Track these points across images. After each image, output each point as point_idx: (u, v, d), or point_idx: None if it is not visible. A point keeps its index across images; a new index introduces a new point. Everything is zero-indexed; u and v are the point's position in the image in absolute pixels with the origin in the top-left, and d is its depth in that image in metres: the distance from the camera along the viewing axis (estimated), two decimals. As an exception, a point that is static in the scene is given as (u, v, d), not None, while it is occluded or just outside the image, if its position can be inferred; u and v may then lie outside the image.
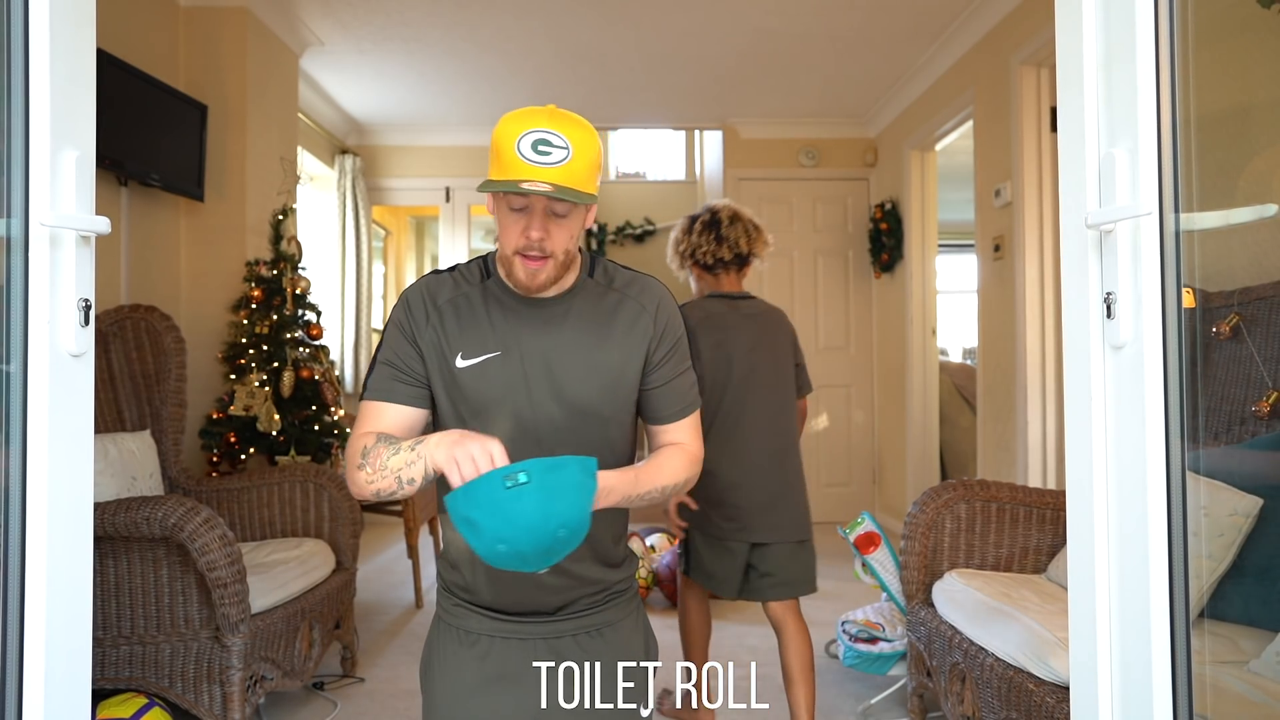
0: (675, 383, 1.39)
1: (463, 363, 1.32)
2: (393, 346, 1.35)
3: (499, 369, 1.31)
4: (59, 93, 1.12)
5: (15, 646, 1.09)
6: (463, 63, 4.92)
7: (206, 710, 2.30)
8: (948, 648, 2.29)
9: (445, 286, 1.36)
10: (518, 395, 1.32)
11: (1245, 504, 1.85)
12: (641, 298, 1.37)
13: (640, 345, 1.36)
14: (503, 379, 1.31)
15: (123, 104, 3.26)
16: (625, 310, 1.36)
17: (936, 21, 4.41)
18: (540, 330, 1.33)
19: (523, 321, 1.33)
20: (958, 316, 8.35)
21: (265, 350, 3.71)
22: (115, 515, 2.21)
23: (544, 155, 1.21)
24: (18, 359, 1.10)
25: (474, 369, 1.32)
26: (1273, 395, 1.91)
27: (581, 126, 1.24)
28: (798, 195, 6.12)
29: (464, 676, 1.39)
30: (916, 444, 5.40)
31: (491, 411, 1.32)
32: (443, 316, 1.34)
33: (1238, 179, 1.56)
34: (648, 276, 1.42)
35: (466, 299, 1.35)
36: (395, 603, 4.02)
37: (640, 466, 1.32)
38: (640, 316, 1.36)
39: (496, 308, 1.34)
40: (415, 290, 1.37)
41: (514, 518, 1.06)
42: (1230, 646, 1.76)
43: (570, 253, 1.29)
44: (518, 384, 1.32)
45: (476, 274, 1.38)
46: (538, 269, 1.26)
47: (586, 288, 1.36)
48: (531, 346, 1.32)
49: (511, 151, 1.21)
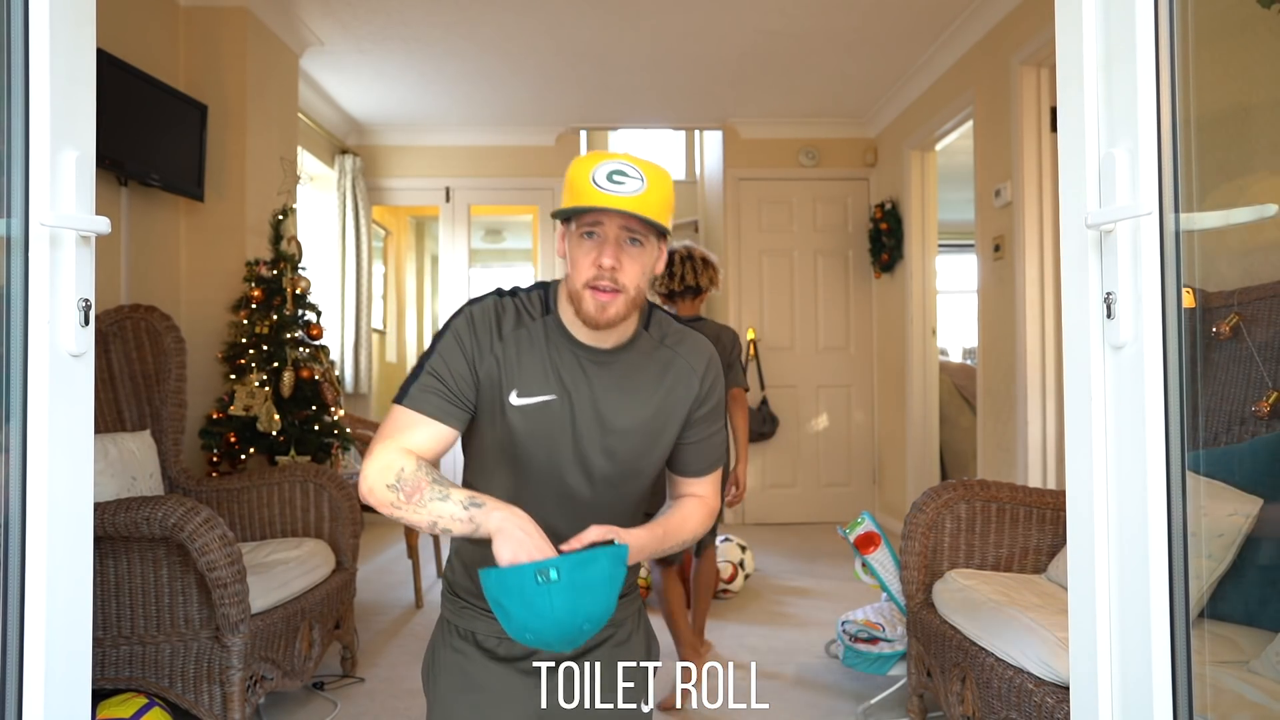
0: (708, 441, 1.42)
1: (518, 400, 1.30)
2: (446, 360, 1.30)
3: (552, 413, 1.30)
4: (59, 93, 1.12)
5: (15, 646, 1.09)
6: (463, 63, 4.92)
7: (206, 710, 2.30)
8: (948, 648, 2.30)
9: (509, 315, 1.33)
10: (564, 441, 1.31)
11: (1245, 504, 1.85)
12: (691, 357, 1.38)
13: (685, 404, 1.37)
14: (553, 423, 1.31)
15: (123, 104, 3.26)
16: (676, 369, 1.37)
17: (936, 21, 4.41)
18: (596, 380, 1.32)
19: (580, 368, 1.32)
20: (958, 316, 8.35)
21: (265, 350, 3.71)
22: (115, 515, 2.21)
23: (619, 185, 1.21)
24: (18, 359, 1.10)
25: (528, 409, 1.30)
26: (1273, 395, 1.91)
27: (657, 167, 1.25)
28: (798, 195, 6.12)
29: (469, 677, 1.40)
30: (916, 444, 5.40)
31: (533, 451, 1.32)
32: (505, 348, 1.31)
33: (1238, 179, 1.56)
34: (697, 334, 1.42)
35: (529, 334, 1.32)
36: (395, 603, 4.02)
37: (666, 521, 1.35)
38: (689, 377, 1.37)
39: (556, 349, 1.32)
40: (482, 310, 1.33)
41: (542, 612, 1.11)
42: (1230, 646, 1.76)
43: (640, 291, 1.28)
44: (566, 430, 1.31)
45: (539, 307, 1.35)
46: (608, 302, 1.24)
47: (642, 341, 1.36)
48: (585, 395, 1.31)
49: (586, 181, 1.21)
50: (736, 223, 6.10)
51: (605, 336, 1.31)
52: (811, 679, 3.05)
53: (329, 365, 4.02)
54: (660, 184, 1.24)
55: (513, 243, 10.07)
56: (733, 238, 6.11)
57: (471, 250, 6.51)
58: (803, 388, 6.09)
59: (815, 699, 2.86)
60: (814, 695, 2.89)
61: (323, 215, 5.92)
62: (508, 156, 6.26)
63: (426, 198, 6.41)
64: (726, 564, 4.06)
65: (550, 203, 6.31)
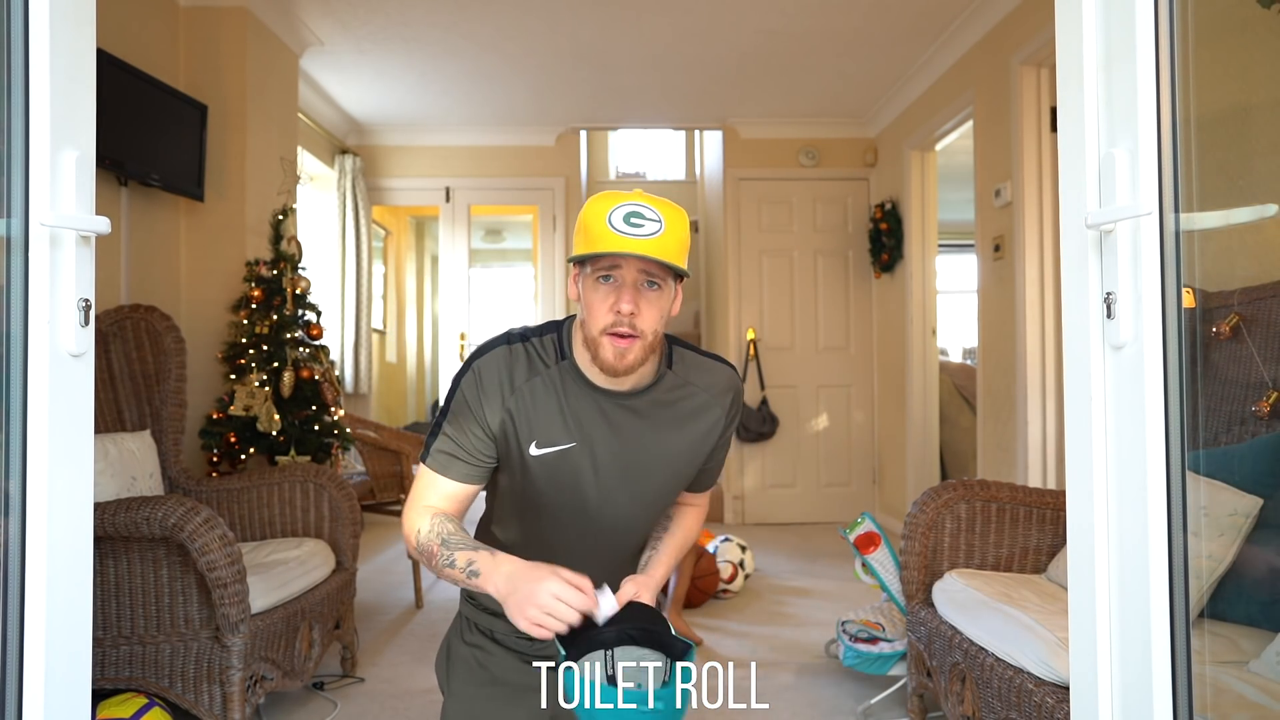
0: (718, 460, 1.45)
1: (536, 451, 1.29)
2: (458, 423, 1.30)
3: (572, 460, 1.30)
4: (59, 93, 1.12)
5: (15, 647, 1.09)
6: (463, 63, 4.92)
7: (206, 710, 2.30)
8: (948, 648, 2.30)
9: (521, 365, 1.31)
10: (588, 487, 1.31)
11: (1245, 504, 1.85)
12: (713, 390, 1.37)
13: (709, 439, 1.38)
14: (575, 470, 1.30)
15: (123, 104, 3.25)
16: (699, 405, 1.36)
17: (936, 21, 4.41)
18: (617, 424, 1.30)
19: (600, 413, 1.30)
20: (958, 316, 8.35)
21: (265, 350, 3.71)
22: (115, 515, 2.21)
23: (637, 227, 1.18)
24: (18, 359, 1.10)
25: (547, 458, 1.29)
26: (1273, 395, 1.91)
27: (673, 207, 1.23)
28: (798, 195, 6.12)
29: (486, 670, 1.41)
30: (916, 444, 5.40)
31: (555, 497, 1.32)
32: (519, 400, 1.29)
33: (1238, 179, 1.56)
34: (720, 365, 1.40)
35: (543, 381, 1.30)
36: (395, 603, 4.02)
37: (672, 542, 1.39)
38: (713, 411, 1.37)
39: (573, 396, 1.30)
40: (491, 366, 1.31)
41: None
42: (1230, 646, 1.76)
43: (658, 335, 1.26)
44: (589, 475, 1.31)
45: (552, 353, 1.32)
46: (626, 348, 1.22)
47: (664, 381, 1.34)
48: (606, 441, 1.30)
49: (602, 224, 1.18)
50: (736, 223, 6.10)
51: (624, 380, 1.29)
52: (811, 679, 3.05)
53: (329, 365, 4.02)
54: (677, 225, 1.21)
55: (513, 243, 10.08)
56: (733, 238, 6.10)
57: (471, 250, 6.52)
58: (803, 388, 6.09)
59: (815, 699, 2.86)
60: (814, 695, 2.89)
61: (323, 215, 5.92)
62: (508, 156, 6.26)
63: (426, 198, 6.41)
64: (726, 564, 4.06)
65: (550, 202, 6.31)
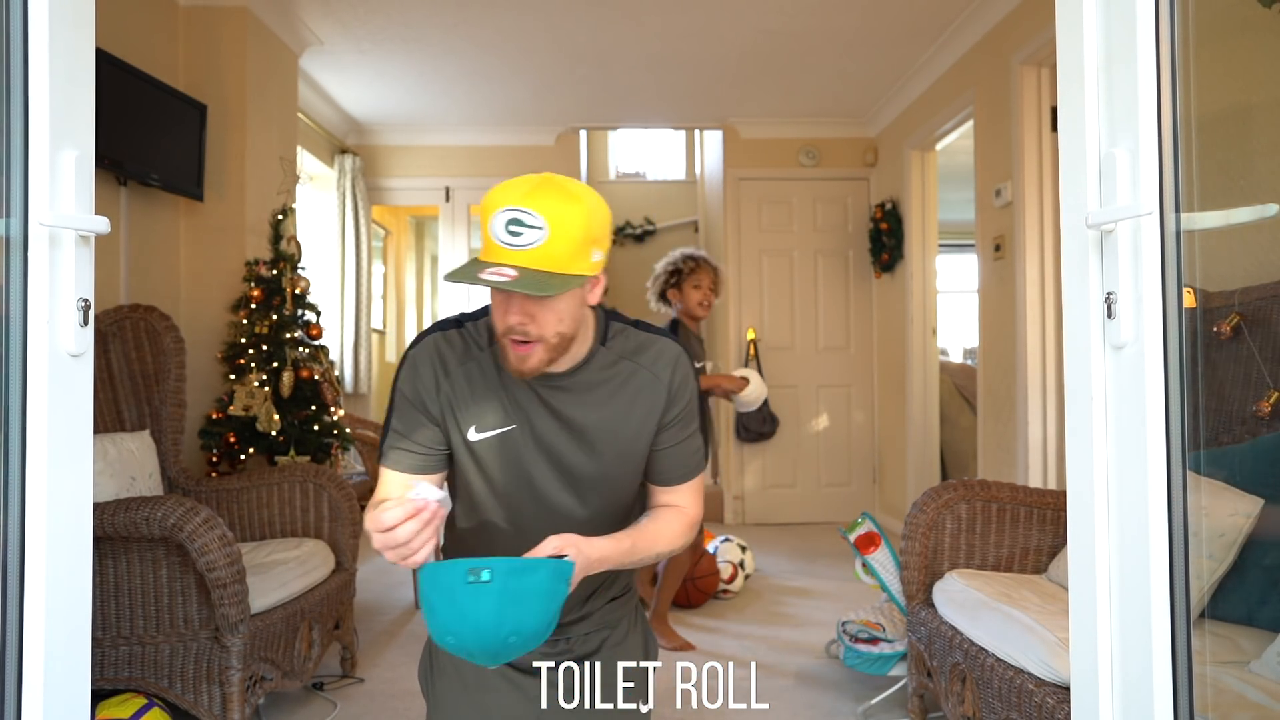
0: (681, 447, 1.37)
1: (475, 435, 1.29)
2: (401, 416, 1.30)
3: (514, 442, 1.29)
4: (58, 93, 1.12)
5: (15, 647, 1.09)
6: (463, 63, 4.92)
7: (206, 710, 2.30)
8: (948, 648, 2.29)
9: (454, 350, 1.30)
10: (533, 468, 1.30)
11: (1246, 504, 1.85)
12: (655, 366, 1.32)
13: (653, 414, 1.32)
14: (519, 451, 1.29)
15: (122, 104, 3.25)
16: (638, 381, 1.32)
17: (936, 21, 4.41)
18: (554, 405, 1.29)
19: (535, 395, 1.28)
20: (958, 316, 8.35)
21: (265, 350, 3.71)
22: (115, 515, 2.21)
23: (515, 236, 1.13)
24: (17, 359, 1.10)
25: (488, 442, 1.29)
26: (1273, 395, 1.91)
27: (566, 200, 1.14)
28: (798, 195, 6.12)
29: (464, 676, 1.40)
30: (917, 444, 5.40)
31: (508, 479, 1.31)
32: (454, 386, 1.28)
33: (1238, 179, 1.56)
34: (662, 338, 1.36)
35: (478, 366, 1.29)
36: (395, 603, 4.02)
37: (637, 532, 1.30)
38: (654, 386, 1.32)
39: (508, 379, 1.28)
40: (424, 354, 1.31)
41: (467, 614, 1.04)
42: (1231, 646, 1.76)
43: (565, 335, 1.21)
44: (533, 457, 1.29)
45: (485, 335, 1.31)
46: (525, 354, 1.20)
47: (599, 359, 1.30)
48: (544, 422, 1.28)
49: (486, 229, 1.15)
50: (736, 223, 6.10)
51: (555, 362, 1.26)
52: (811, 679, 3.05)
53: (329, 365, 4.02)
54: (567, 225, 1.13)
55: (512, 243, 10.04)
56: (733, 238, 6.10)
57: (471, 250, 6.51)
58: (803, 388, 6.09)
59: (815, 699, 2.86)
60: (814, 695, 2.89)
61: (322, 215, 5.92)
62: (508, 156, 6.25)
63: (426, 198, 6.41)
64: (726, 564, 4.06)
65: (550, 203, 6.30)
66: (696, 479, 1.40)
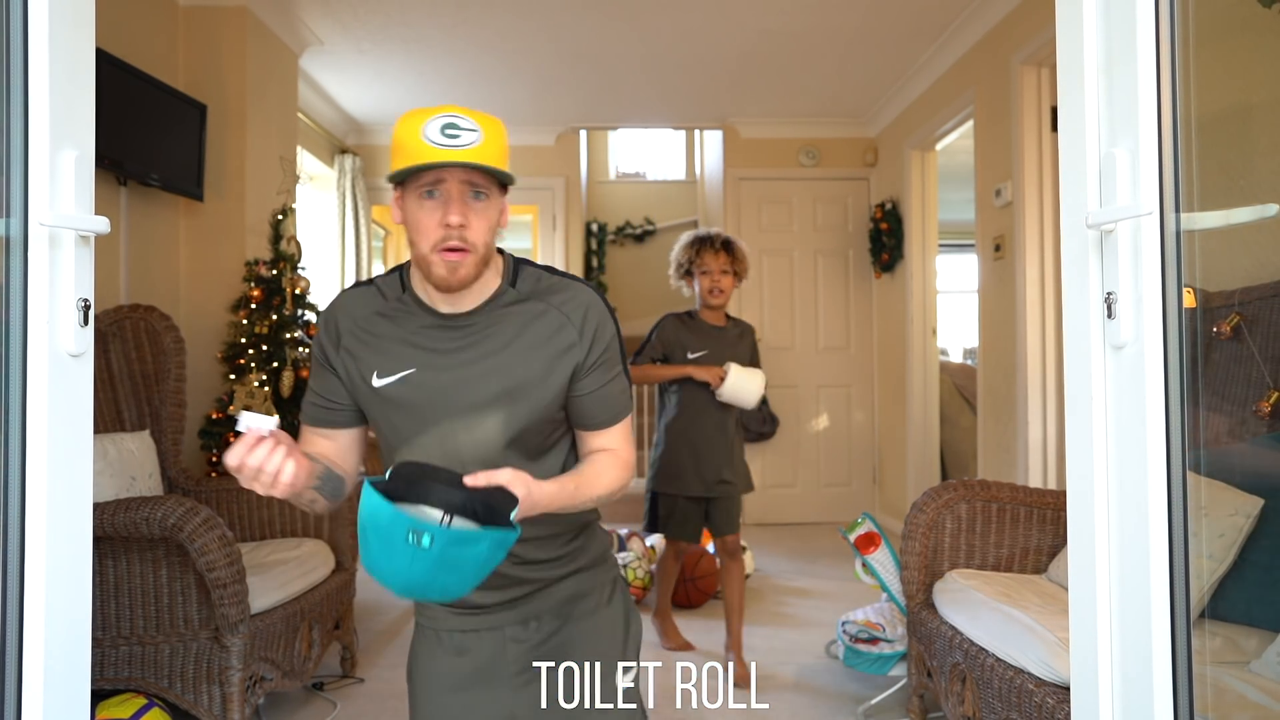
0: (604, 390, 1.35)
1: (379, 381, 1.30)
2: (316, 373, 1.37)
3: (416, 385, 1.29)
4: (58, 93, 1.12)
5: (15, 647, 1.09)
6: (463, 63, 4.92)
7: (206, 711, 2.30)
8: (948, 648, 2.29)
9: (364, 302, 1.34)
10: (439, 411, 1.30)
11: (1246, 504, 1.85)
12: (565, 307, 1.32)
13: (564, 356, 1.31)
14: (424, 394, 1.29)
15: (122, 104, 3.25)
16: (546, 321, 1.31)
17: (936, 21, 4.41)
18: (458, 346, 1.29)
19: (439, 337, 1.30)
20: (958, 316, 8.35)
21: (265, 350, 3.71)
22: (115, 515, 2.21)
23: (453, 138, 1.17)
24: (17, 359, 1.10)
25: (393, 386, 1.30)
26: (1273, 395, 1.91)
27: (488, 117, 1.22)
28: (798, 195, 6.12)
29: (441, 676, 1.41)
30: (917, 444, 5.40)
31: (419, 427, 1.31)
32: (357, 336, 1.32)
33: (1238, 179, 1.56)
34: (576, 282, 1.36)
35: (384, 315, 1.33)
36: (395, 603, 4.02)
37: (579, 475, 1.31)
38: (564, 327, 1.31)
39: (413, 323, 1.31)
40: (330, 311, 1.36)
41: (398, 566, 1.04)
42: (1231, 646, 1.76)
43: (490, 247, 1.26)
44: (437, 400, 1.30)
45: (396, 286, 1.34)
46: (459, 261, 1.22)
47: (505, 298, 1.32)
48: (449, 362, 1.29)
49: (417, 139, 1.18)
50: (736, 223, 6.10)
51: (462, 300, 1.29)
52: (812, 679, 3.05)
53: (329, 365, 4.01)
54: (496, 133, 1.21)
55: (512, 243, 10.07)
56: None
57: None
58: (803, 388, 6.09)
59: (815, 699, 2.86)
60: (814, 695, 2.89)
61: (322, 215, 5.92)
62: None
63: (426, 197, 6.40)
64: (726, 564, 4.06)
65: (550, 202, 6.30)
66: (625, 421, 1.40)
